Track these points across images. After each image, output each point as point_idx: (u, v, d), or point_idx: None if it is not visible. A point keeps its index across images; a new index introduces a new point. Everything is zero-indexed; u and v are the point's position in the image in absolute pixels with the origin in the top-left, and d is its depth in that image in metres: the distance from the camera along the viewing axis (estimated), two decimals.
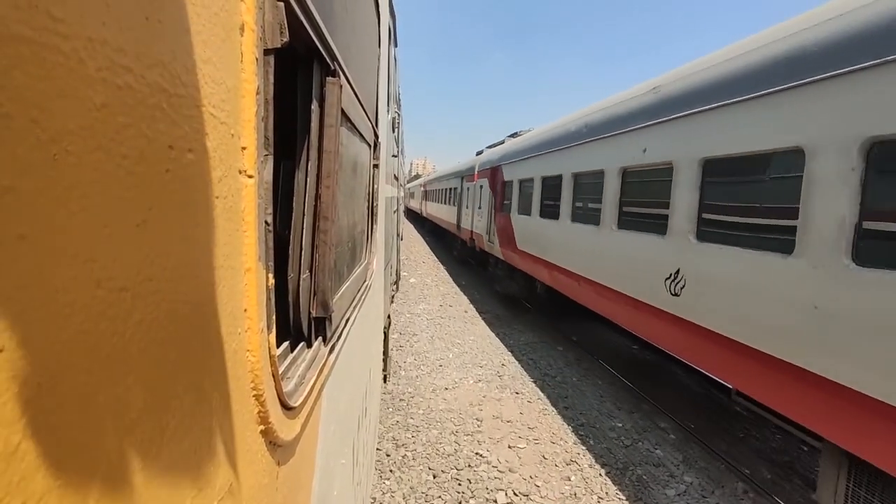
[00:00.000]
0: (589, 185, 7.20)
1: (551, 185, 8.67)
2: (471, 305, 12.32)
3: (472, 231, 15.27)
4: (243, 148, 0.72)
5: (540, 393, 7.11)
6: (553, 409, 6.60)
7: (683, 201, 4.88)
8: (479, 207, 14.18)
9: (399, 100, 7.36)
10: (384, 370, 6.60)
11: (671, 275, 5.03)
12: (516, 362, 8.35)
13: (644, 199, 5.88)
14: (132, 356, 0.45)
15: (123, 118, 0.44)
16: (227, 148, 0.67)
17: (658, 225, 5.33)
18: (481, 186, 14.03)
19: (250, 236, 0.75)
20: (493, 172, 12.70)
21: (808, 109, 3.62)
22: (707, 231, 4.61)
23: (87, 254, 0.40)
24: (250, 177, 0.74)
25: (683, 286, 4.84)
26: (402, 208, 8.80)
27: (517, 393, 7.06)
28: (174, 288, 0.53)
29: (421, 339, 9.42)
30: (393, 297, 8.84)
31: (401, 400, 6.69)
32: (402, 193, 9.01)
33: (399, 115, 7.54)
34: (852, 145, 3.26)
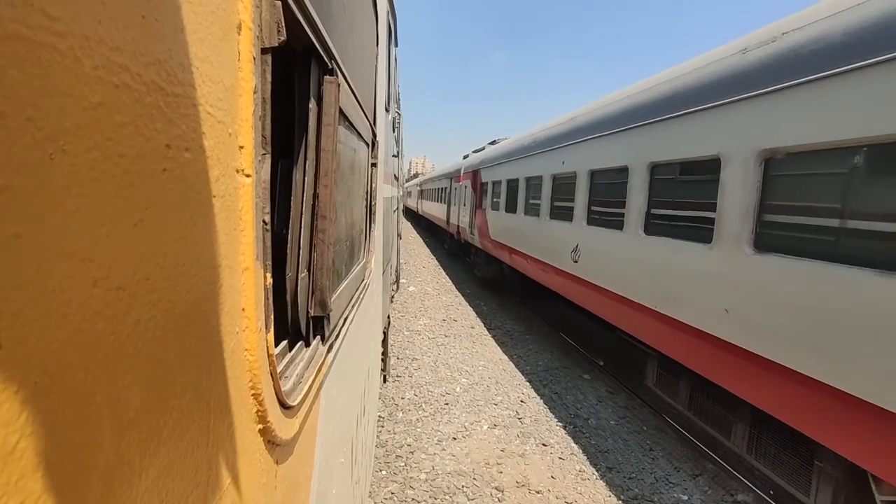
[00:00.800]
0: (536, 186, 9.50)
1: (513, 188, 10.98)
2: (478, 319, 10.81)
3: (458, 225, 17.74)
4: (241, 147, 0.72)
5: (572, 444, 5.59)
6: (593, 470, 5.07)
7: (581, 198, 7.32)
8: (464, 205, 16.49)
9: (399, 100, 7.36)
10: (383, 370, 6.59)
11: (574, 248, 7.52)
12: (537, 397, 6.87)
13: (564, 197, 8.12)
14: (130, 355, 0.45)
15: (120, 117, 0.44)
16: (225, 147, 0.67)
17: (568, 215, 7.77)
18: (465, 186, 16.30)
19: (248, 235, 0.75)
20: (473, 175, 15.02)
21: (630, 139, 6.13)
22: (593, 218, 7.02)
23: (84, 253, 0.40)
24: (248, 176, 0.74)
25: (580, 255, 7.33)
26: (401, 208, 9.09)
27: (544, 444, 5.55)
28: (172, 287, 0.53)
29: (422, 365, 7.86)
30: (393, 296, 8.64)
31: (397, 457, 5.14)
32: (401, 193, 9.22)
33: (399, 115, 7.53)
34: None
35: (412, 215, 44.75)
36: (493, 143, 15.70)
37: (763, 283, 3.86)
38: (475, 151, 17.75)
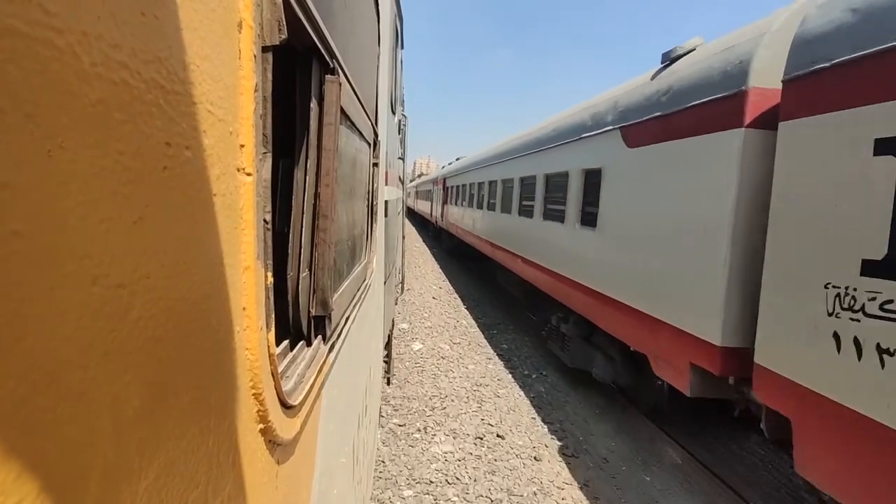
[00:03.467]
0: (476, 189, 14.41)
1: (462, 191, 16.69)
2: (437, 266, 15.21)
3: (435, 217, 24.95)
4: (241, 145, 0.72)
5: (480, 337, 8.99)
6: (487, 347, 7.20)
7: (517, 198, 9.98)
8: (438, 202, 23.37)
9: (404, 102, 7.35)
10: (387, 372, 6.57)
11: (510, 231, 10.59)
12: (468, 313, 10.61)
13: (490, 197, 12.45)
14: (129, 354, 0.45)
15: (119, 114, 0.44)
16: (226, 145, 0.67)
17: (494, 206, 11.77)
18: (439, 190, 22.91)
19: (249, 234, 0.74)
20: (443, 182, 21.76)
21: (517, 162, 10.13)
22: (519, 208, 9.84)
23: (84, 250, 0.39)
24: (249, 174, 0.74)
25: (514, 237, 10.21)
26: (405, 210, 9.33)
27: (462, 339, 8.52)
28: (172, 285, 0.53)
29: (411, 276, 9.98)
30: (397, 299, 8.48)
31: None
32: (404, 195, 9.53)
33: (405, 116, 7.51)
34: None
35: (407, 212, 46.26)
36: (458, 159, 22.32)
37: (581, 242, 6.69)
38: (449, 164, 24.92)
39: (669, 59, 5.20)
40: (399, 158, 6.55)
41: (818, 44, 3.08)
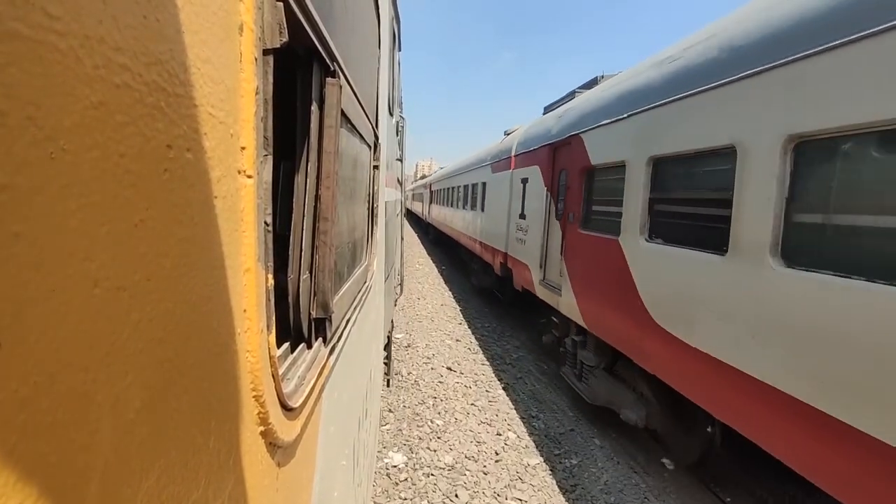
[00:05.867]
0: (450, 192, 18.36)
1: (443, 193, 20.56)
2: (423, 247, 19.84)
3: (424, 214, 30.72)
4: (242, 148, 0.72)
5: (453, 304, 12.75)
6: (460, 305, 10.77)
7: (456, 197, 15.96)
8: (427, 202, 28.93)
9: (401, 104, 7.37)
10: (387, 374, 6.56)
11: (453, 216, 16.91)
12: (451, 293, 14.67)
13: (453, 197, 17.38)
14: (130, 356, 0.45)
15: (121, 117, 0.44)
16: (227, 148, 0.67)
17: (471, 206, 13.78)
18: (429, 192, 27.74)
19: (249, 236, 0.74)
20: (430, 186, 27.14)
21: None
22: (456, 204, 16.24)
23: (85, 252, 0.39)
24: (249, 177, 0.74)
25: (473, 225, 13.32)
26: (403, 211, 9.82)
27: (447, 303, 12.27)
28: (173, 288, 0.53)
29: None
30: (396, 301, 8.51)
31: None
32: (403, 197, 9.98)
33: (403, 118, 7.53)
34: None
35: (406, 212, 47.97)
36: (441, 168, 29.62)
37: (478, 218, 12.66)
38: (433, 174, 33.69)
39: (505, 134, 11.58)
40: (397, 160, 6.56)
41: (520, 144, 9.02)
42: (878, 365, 2.38)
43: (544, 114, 8.86)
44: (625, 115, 4.86)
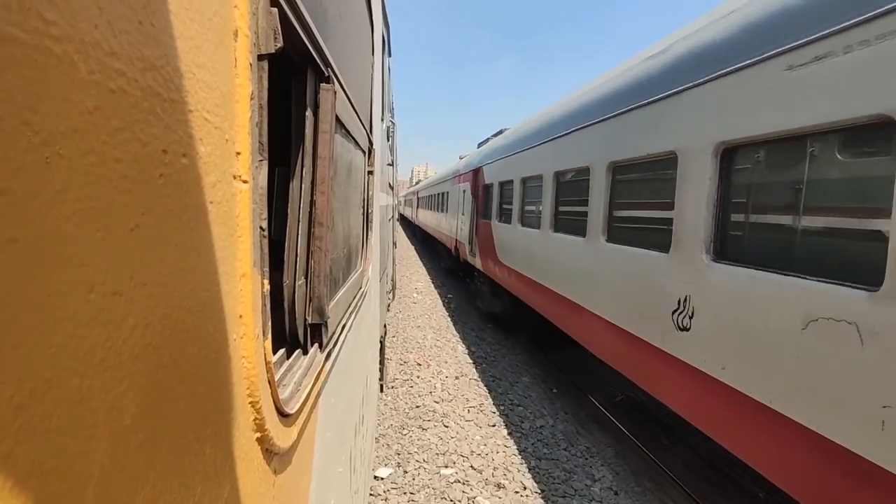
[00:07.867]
0: (435, 198, 21.58)
1: (428, 200, 24.34)
2: (411, 243, 25.13)
3: (412, 217, 35.55)
4: (237, 153, 0.72)
5: (436, 294, 15.25)
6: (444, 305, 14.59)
7: (445, 202, 17.95)
8: (414, 206, 34.42)
9: (392, 109, 7.41)
10: (380, 379, 6.54)
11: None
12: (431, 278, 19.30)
13: (431, 202, 23.37)
14: (126, 361, 0.45)
15: (116, 122, 0.44)
16: (222, 153, 0.67)
17: (443, 209, 18.22)
18: (416, 198, 32.80)
19: (245, 242, 0.74)
20: (417, 194, 32.02)
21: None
22: (433, 207, 22.21)
23: (81, 258, 0.39)
24: (245, 182, 0.74)
25: (430, 219, 23.42)
26: (396, 216, 10.49)
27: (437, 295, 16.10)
28: (168, 293, 0.53)
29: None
30: (389, 305, 8.62)
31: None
32: (395, 202, 10.61)
33: (394, 123, 7.56)
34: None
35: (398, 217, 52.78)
36: (435, 174, 33.05)
37: (444, 217, 18.03)
38: (416, 184, 38.64)
39: (460, 157, 17.16)
40: (388, 164, 6.58)
41: (463, 167, 14.42)
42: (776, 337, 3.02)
43: (478, 147, 15.14)
44: (500, 157, 9.87)
